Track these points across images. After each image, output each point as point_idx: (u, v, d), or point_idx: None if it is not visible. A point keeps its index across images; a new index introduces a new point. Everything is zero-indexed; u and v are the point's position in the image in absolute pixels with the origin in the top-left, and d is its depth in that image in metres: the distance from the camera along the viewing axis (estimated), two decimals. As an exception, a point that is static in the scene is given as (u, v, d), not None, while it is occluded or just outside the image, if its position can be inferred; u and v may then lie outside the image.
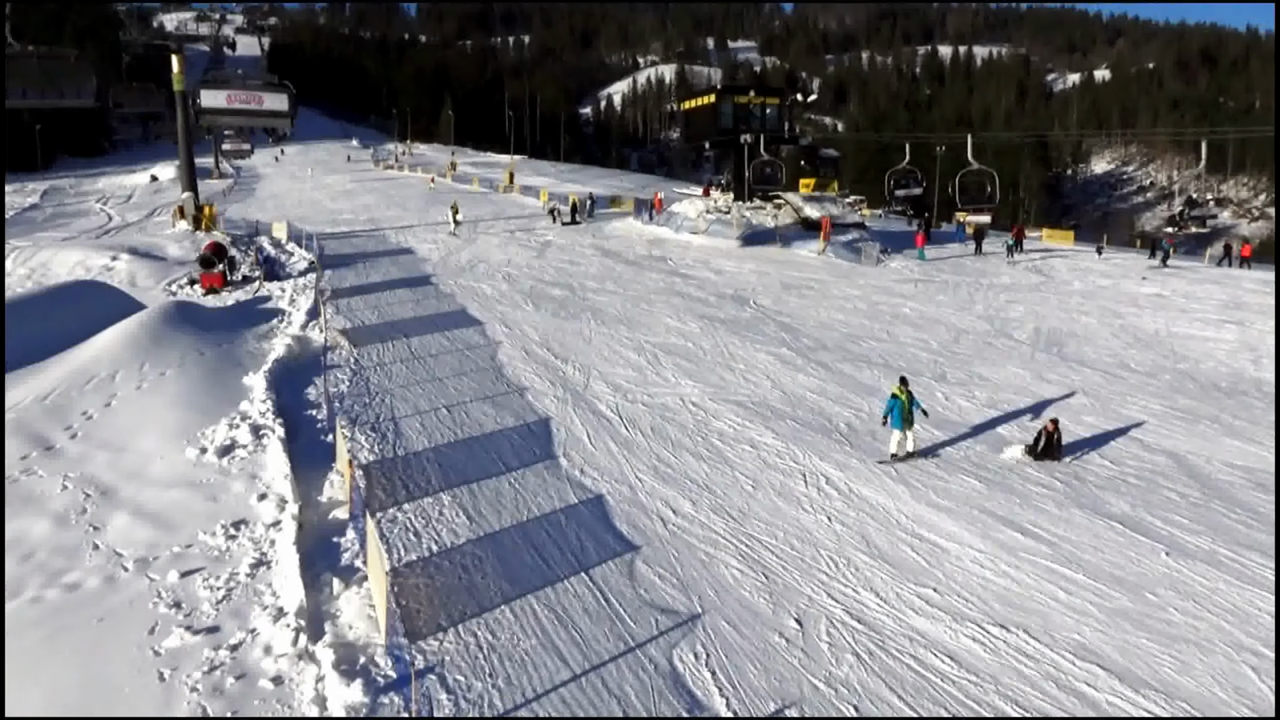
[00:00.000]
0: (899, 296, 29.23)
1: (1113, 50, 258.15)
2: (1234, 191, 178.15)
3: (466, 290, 28.45)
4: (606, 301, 27.23)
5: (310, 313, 24.84)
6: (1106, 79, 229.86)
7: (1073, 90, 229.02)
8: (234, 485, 14.56)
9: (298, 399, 18.39)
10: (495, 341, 22.75)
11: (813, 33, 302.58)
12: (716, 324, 24.65)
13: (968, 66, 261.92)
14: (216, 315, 24.95)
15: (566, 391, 19.06)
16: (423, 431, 16.69)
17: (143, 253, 33.29)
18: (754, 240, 37.82)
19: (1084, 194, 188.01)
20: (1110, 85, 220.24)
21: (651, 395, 18.85)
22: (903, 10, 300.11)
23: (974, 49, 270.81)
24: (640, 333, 23.63)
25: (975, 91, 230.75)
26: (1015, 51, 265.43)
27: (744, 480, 14.62)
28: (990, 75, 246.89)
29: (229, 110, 34.31)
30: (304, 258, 33.92)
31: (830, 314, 26.44)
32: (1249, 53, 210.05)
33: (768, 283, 30.80)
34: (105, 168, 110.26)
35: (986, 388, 19.71)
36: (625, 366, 20.85)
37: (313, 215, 53.47)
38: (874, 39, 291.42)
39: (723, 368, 20.83)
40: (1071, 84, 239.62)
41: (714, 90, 43.02)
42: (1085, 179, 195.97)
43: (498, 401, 18.38)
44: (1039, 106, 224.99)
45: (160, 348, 20.41)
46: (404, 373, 20.15)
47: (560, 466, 15.18)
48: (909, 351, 22.51)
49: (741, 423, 17.26)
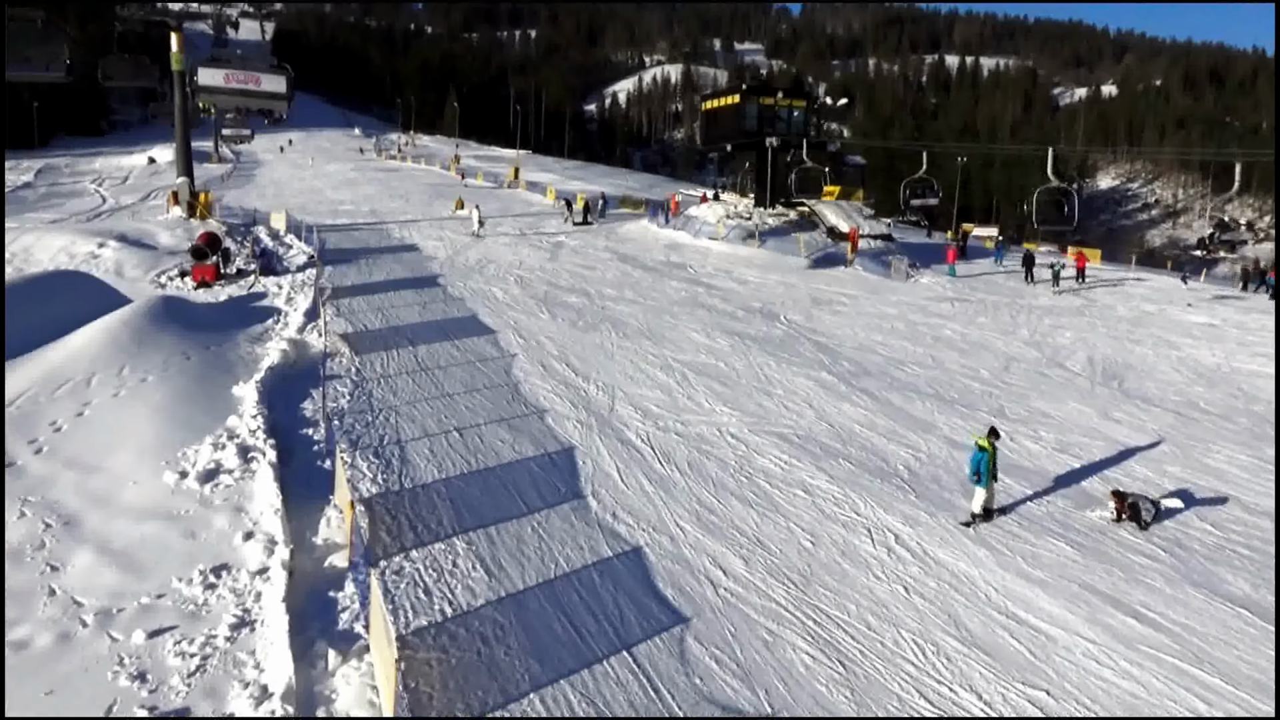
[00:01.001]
0: (937, 316, 27.41)
1: (1119, 66, 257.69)
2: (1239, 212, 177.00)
3: (476, 293, 26.57)
4: (627, 312, 25.36)
5: (309, 313, 22.95)
6: (1113, 94, 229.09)
7: (1079, 104, 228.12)
8: (216, 519, 12.70)
9: (292, 414, 16.51)
10: (509, 353, 20.88)
11: (820, 37, 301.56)
12: (748, 341, 22.80)
13: (974, 76, 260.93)
14: (207, 313, 23.06)
15: (590, 415, 17.21)
16: (432, 459, 14.82)
17: (132, 240, 31.33)
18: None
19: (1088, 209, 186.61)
20: (1117, 101, 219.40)
21: (685, 423, 17.00)
22: (910, 18, 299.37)
23: (980, 59, 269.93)
24: (666, 348, 21.77)
25: (981, 102, 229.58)
26: (1022, 63, 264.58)
27: (800, 534, 12.78)
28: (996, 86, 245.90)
29: (226, 89, 32.90)
30: (303, 251, 32.01)
31: (868, 334, 24.60)
32: (1256, 73, 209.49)
33: (796, 296, 28.97)
34: (103, 148, 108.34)
35: (1051, 426, 17.89)
36: (653, 387, 18.99)
37: (313, 205, 51.59)
38: (881, 46, 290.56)
39: (759, 392, 18.98)
40: (1078, 98, 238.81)
41: (739, 90, 41.09)
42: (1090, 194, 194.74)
43: (515, 425, 16.52)
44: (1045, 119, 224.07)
45: (143, 349, 18.56)
46: (410, 387, 18.27)
47: (589, 508, 13.33)
48: (959, 381, 20.68)
49: (788, 460, 15.41)
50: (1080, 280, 35.78)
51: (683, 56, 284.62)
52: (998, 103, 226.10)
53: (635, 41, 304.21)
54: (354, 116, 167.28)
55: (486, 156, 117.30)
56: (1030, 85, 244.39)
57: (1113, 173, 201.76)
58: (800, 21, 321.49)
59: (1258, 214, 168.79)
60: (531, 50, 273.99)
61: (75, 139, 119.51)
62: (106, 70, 36.85)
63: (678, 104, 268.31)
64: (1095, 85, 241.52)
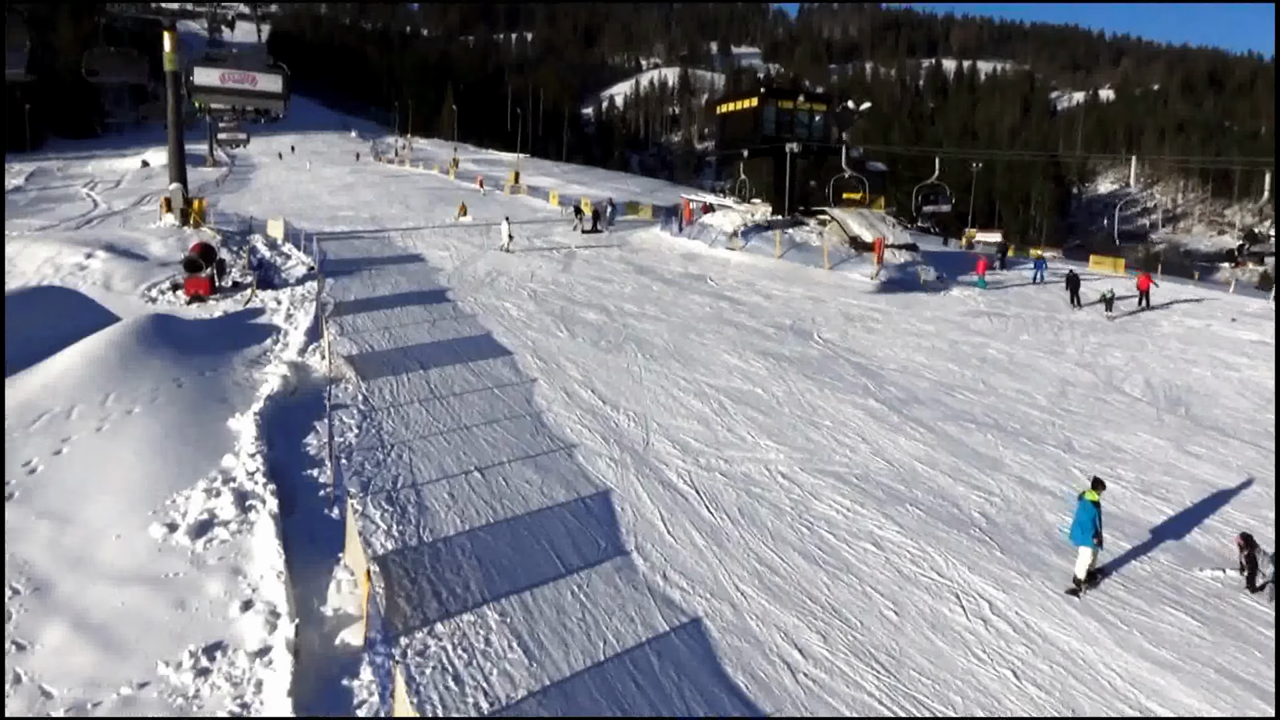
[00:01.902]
0: (977, 334, 25.81)
1: (1116, 70, 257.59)
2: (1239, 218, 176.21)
3: (489, 310, 24.93)
4: (651, 330, 23.73)
5: (310, 333, 21.28)
6: (1111, 98, 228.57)
7: (1077, 108, 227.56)
8: (210, 584, 11.06)
9: (294, 451, 14.87)
10: (529, 378, 19.24)
11: (817, 41, 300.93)
12: (784, 364, 21.17)
13: (971, 80, 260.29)
14: (200, 332, 21.40)
15: (624, 451, 15.57)
16: (453, 505, 13.18)
17: (121, 250, 29.66)
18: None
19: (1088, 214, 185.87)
20: (1116, 105, 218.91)
21: (728, 461, 15.37)
22: (907, 21, 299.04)
23: (978, 63, 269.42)
24: (698, 372, 20.14)
25: (979, 106, 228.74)
26: (1019, 67, 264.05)
27: (881, 601, 11.16)
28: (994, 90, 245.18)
29: (222, 89, 31.63)
30: (302, 262, 30.35)
31: (908, 354, 23.00)
32: (1255, 77, 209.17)
33: (826, 312, 27.36)
34: (96, 150, 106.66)
35: (1128, 463, 16.30)
36: (688, 418, 17.36)
37: (310, 210, 50.02)
38: (878, 49, 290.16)
39: (805, 423, 17.35)
40: (1076, 102, 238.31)
41: (757, 93, 39.42)
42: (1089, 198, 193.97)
43: (542, 464, 14.88)
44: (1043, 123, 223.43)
45: (130, 375, 16.93)
46: (424, 418, 16.62)
47: (635, 567, 11.71)
48: (1018, 409, 19.08)
49: (851, 506, 13.79)
50: (1145, 306, 30.88)
51: (679, 59, 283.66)
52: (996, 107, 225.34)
53: (632, 44, 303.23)
54: (350, 119, 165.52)
55: (485, 160, 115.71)
56: (1028, 89, 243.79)
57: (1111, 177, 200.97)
58: (797, 25, 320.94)
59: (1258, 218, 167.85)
60: (528, 52, 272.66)
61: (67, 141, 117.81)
62: (91, 63, 34.92)
63: (675, 107, 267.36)
64: (1093, 89, 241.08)
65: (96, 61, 34.75)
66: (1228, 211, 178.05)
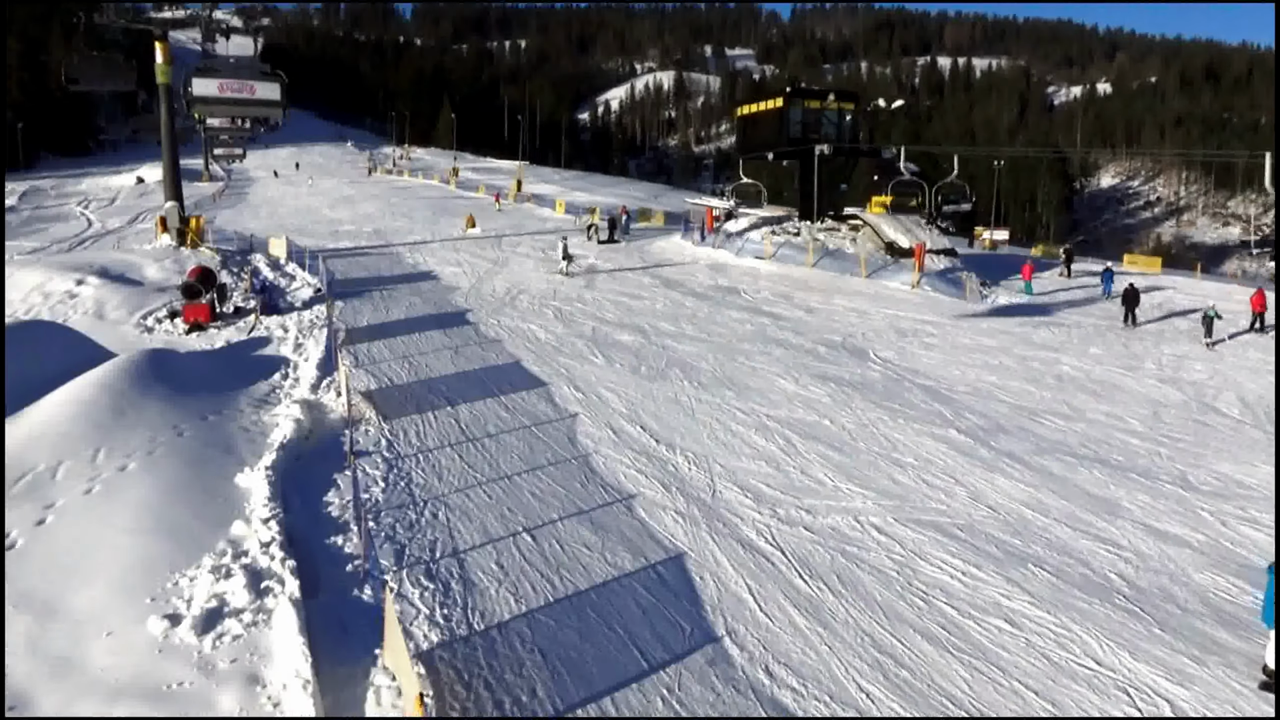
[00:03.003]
0: (1043, 347, 23.89)
1: (1110, 64, 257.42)
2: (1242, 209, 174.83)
3: (514, 333, 22.98)
4: (693, 352, 21.77)
5: (323, 365, 19.33)
6: (1108, 93, 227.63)
7: (1075, 103, 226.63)
8: (222, 698, 9.09)
9: (314, 513, 12.91)
10: (568, 412, 17.28)
11: (810, 42, 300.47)
12: (846, 389, 19.21)
13: (967, 78, 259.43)
14: (201, 366, 19.44)
15: (689, 502, 13.61)
16: (503, 579, 11.21)
17: (115, 275, 27.72)
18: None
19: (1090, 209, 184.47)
20: (1113, 99, 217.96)
21: (810, 511, 13.41)
22: (900, 20, 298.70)
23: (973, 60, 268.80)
24: (754, 401, 18.18)
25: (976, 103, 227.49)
26: (1014, 64, 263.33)
27: (1036, 701, 9.20)
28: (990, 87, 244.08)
29: (221, 99, 29.76)
30: (308, 283, 28.44)
31: (977, 373, 21.06)
32: (1251, 69, 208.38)
33: (875, 326, 25.42)
34: (90, 167, 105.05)
35: (1258, 501, 14.36)
36: (754, 457, 15.40)
37: (311, 225, 48.19)
38: (872, 49, 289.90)
39: (886, 461, 15.39)
40: (1073, 97, 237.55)
41: (782, 93, 37.51)
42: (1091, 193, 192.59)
43: (599, 521, 12.92)
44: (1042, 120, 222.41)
45: (124, 423, 15.00)
46: (457, 466, 14.65)
47: (731, 660, 9.75)
48: (1114, 437, 17.14)
49: (965, 569, 11.82)
50: (1259, 328, 26.65)
51: (674, 63, 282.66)
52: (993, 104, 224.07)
53: (626, 49, 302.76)
54: (346, 130, 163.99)
55: (484, 168, 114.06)
56: (1024, 86, 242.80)
57: (1112, 171, 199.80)
58: (790, 27, 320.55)
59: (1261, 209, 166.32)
60: (522, 59, 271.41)
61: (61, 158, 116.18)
62: (71, 71, 32.33)
63: (671, 111, 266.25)
64: (1090, 84, 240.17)
65: (77, 69, 32.18)
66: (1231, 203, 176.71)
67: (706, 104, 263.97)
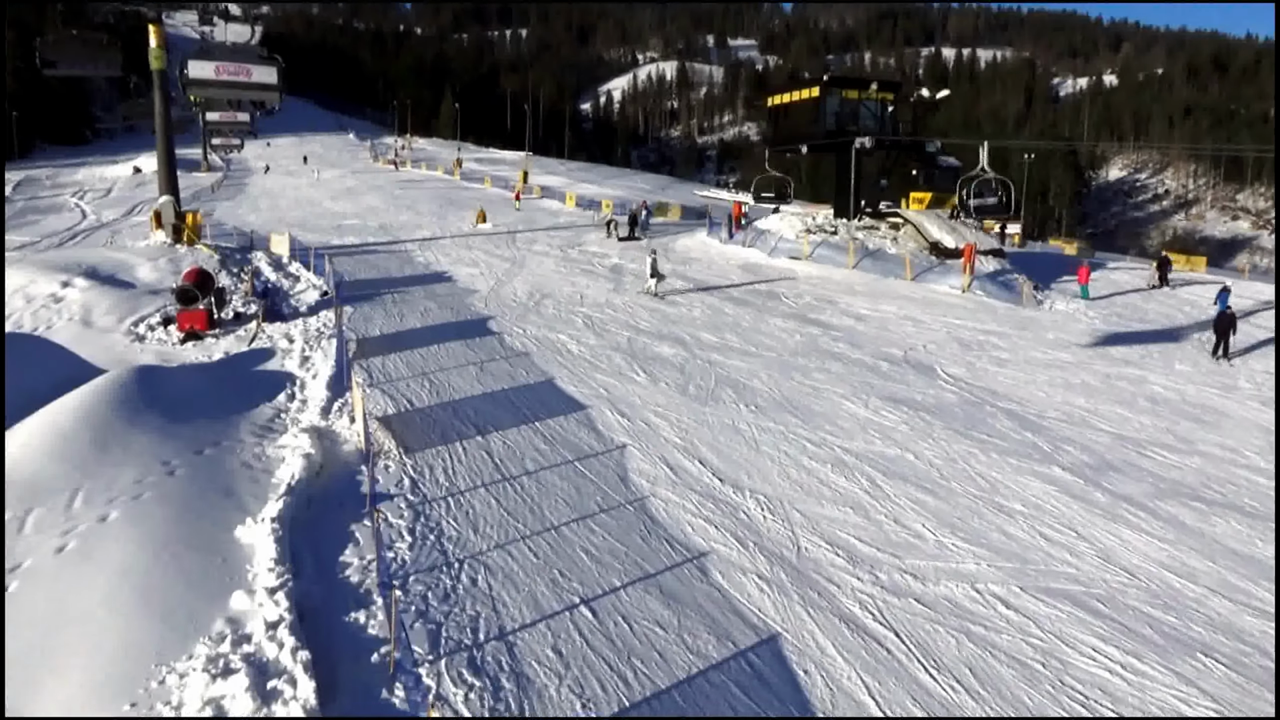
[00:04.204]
0: (1124, 363, 21.78)
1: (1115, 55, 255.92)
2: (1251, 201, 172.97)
3: (543, 344, 20.83)
4: (743, 368, 19.63)
5: (333, 383, 17.19)
6: (1114, 84, 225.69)
7: (1081, 95, 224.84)
8: None
9: (328, 576, 10.80)
10: (615, 443, 15.15)
11: (813, 33, 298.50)
12: (921, 414, 17.08)
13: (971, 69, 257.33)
14: (196, 384, 17.27)
15: (771, 562, 11.50)
16: (564, 675, 9.12)
17: (104, 276, 25.56)
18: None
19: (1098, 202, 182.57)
20: (1120, 91, 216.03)
21: (917, 575, 11.30)
22: (903, 11, 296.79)
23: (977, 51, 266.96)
24: (823, 430, 16.04)
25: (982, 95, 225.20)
26: (1019, 55, 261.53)
27: None
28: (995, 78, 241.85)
29: (217, 82, 28.41)
30: (313, 285, 26.29)
31: (1062, 395, 18.93)
32: (1259, 60, 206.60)
33: (934, 337, 23.30)
34: (86, 157, 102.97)
35: None
36: (836, 502, 13.28)
37: (313, 219, 46.01)
38: (875, 40, 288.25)
39: (988, 508, 13.28)
40: (1078, 88, 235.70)
41: (818, 82, 35.22)
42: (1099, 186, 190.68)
43: (669, 588, 10.81)
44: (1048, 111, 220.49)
45: (107, 459, 12.94)
46: (495, 513, 12.52)
47: (867, 798, 7.60)
48: (1238, 476, 15.06)
49: (1124, 659, 9.73)
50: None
51: (676, 54, 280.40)
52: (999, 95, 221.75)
53: (627, 39, 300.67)
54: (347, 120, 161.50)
55: (487, 159, 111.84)
56: (1029, 77, 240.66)
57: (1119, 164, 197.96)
58: (793, 17, 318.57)
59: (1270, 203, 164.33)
60: (523, 49, 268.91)
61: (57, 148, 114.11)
62: (46, 53, 29.27)
63: (673, 101, 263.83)
64: (1096, 75, 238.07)
65: (53, 49, 29.14)
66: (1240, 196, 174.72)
67: (709, 95, 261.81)
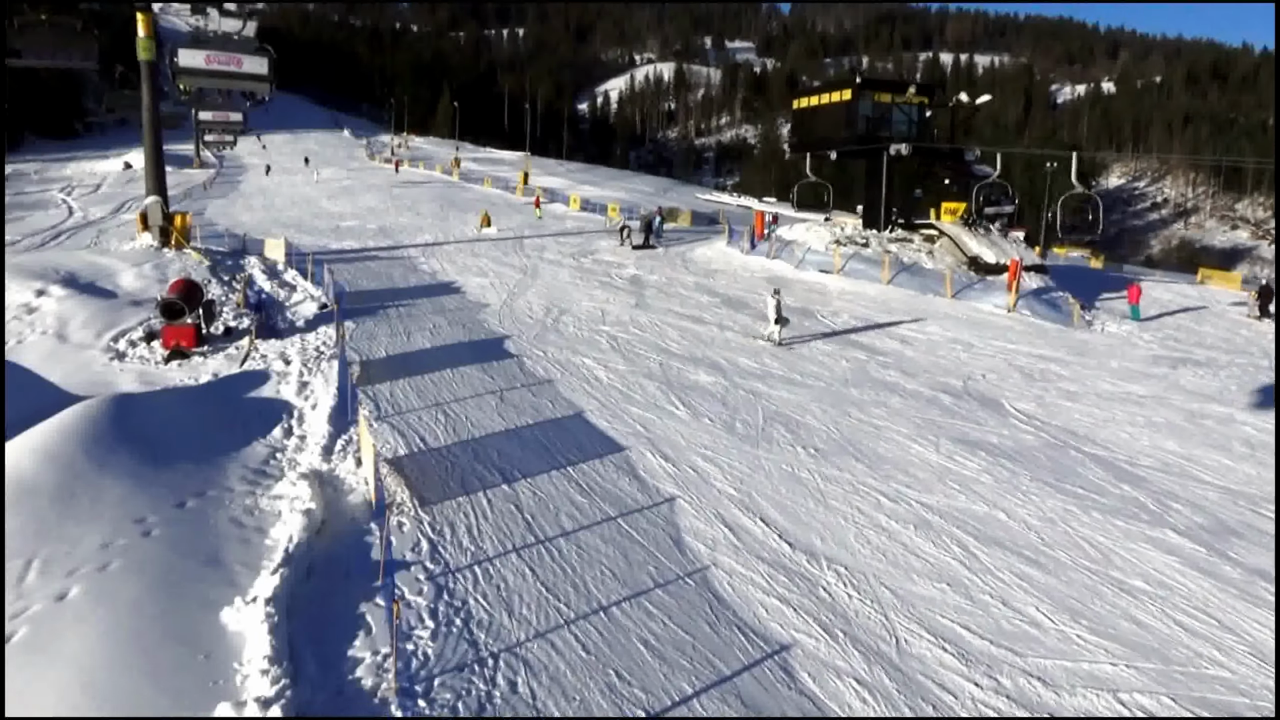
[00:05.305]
0: (1202, 396, 19.89)
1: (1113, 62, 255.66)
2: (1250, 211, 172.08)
3: (567, 370, 18.82)
4: (791, 401, 17.65)
5: (335, 416, 15.16)
6: (1112, 91, 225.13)
7: (1079, 101, 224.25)
8: None
9: (335, 678, 8.84)
10: (661, 494, 13.16)
11: (811, 35, 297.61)
12: (1003, 461, 15.12)
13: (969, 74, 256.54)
14: (181, 416, 15.18)
15: (868, 659, 9.56)
16: (639, 828, 7.08)
17: (84, 284, 23.48)
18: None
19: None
20: (1119, 98, 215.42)
21: (1045, 679, 9.37)
22: (901, 15, 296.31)
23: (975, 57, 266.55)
24: (895, 479, 14.07)
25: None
26: (1016, 61, 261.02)
27: None
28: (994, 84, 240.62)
29: (207, 71, 27.22)
30: (311, 296, 24.26)
31: (1148, 436, 17.00)
32: (1258, 69, 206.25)
33: (989, 363, 21.38)
34: (76, 152, 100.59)
35: None
36: (929, 576, 11.32)
37: (309, 220, 43.92)
38: (872, 44, 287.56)
39: (1106, 584, 11.35)
40: (1076, 95, 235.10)
41: (850, 84, 33.21)
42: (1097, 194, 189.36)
43: (750, 696, 8.92)
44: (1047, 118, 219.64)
45: (72, 514, 11.02)
46: (531, 589, 10.53)
47: None
48: (1375, 540, 13.07)
49: (1333, 806, 7.74)
50: None
51: (674, 55, 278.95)
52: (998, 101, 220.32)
53: (625, 39, 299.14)
54: (342, 117, 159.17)
55: (485, 158, 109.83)
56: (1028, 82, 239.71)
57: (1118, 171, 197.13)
58: (791, 19, 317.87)
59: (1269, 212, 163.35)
60: (520, 48, 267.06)
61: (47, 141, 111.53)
62: (11, 39, 25.83)
63: (671, 102, 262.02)
64: (1094, 83, 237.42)
65: (18, 37, 26.16)
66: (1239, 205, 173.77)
67: (706, 96, 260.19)
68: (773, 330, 21.81)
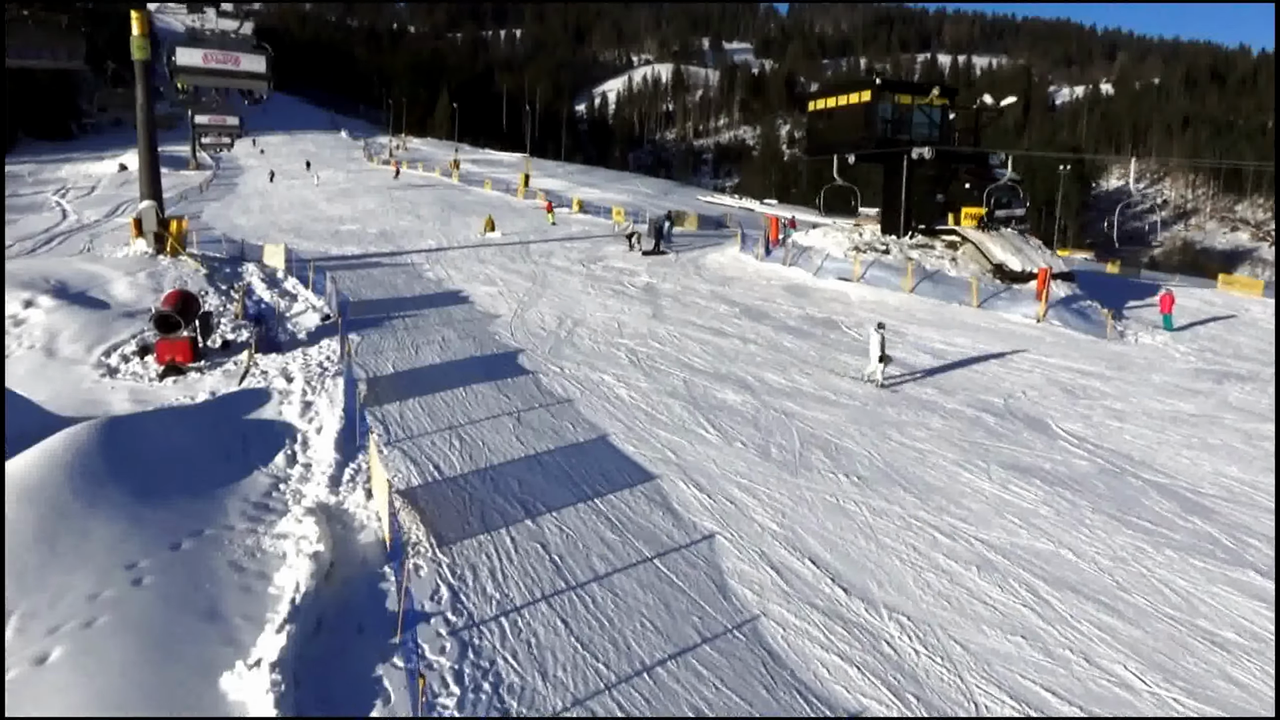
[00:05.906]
0: (1255, 416, 18.85)
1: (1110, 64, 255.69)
2: (1250, 213, 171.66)
3: (586, 387, 17.77)
4: (826, 422, 16.60)
5: (342, 441, 14.09)
6: (1110, 93, 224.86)
7: (1078, 103, 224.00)
8: None
9: (352, 758, 7.67)
10: (697, 529, 12.11)
11: (809, 37, 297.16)
12: (1060, 490, 14.08)
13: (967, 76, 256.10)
14: (176, 441, 14.11)
15: (948, 732, 8.45)
16: None
17: (74, 294, 22.41)
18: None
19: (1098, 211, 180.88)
20: (1117, 100, 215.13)
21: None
22: (899, 17, 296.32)
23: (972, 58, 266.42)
24: (949, 514, 13.01)
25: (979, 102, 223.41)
26: (1015, 62, 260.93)
27: None
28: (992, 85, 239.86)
29: (205, 70, 26.36)
30: (313, 307, 23.19)
31: (1207, 460, 15.97)
32: (1257, 71, 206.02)
33: (1029, 380, 20.34)
34: (71, 153, 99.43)
35: None
36: (1001, 628, 10.27)
37: (309, 224, 42.83)
38: (871, 45, 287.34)
39: (1197, 638, 10.32)
40: (1075, 97, 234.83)
41: (869, 85, 32.13)
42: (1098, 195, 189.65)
43: (824, 780, 7.75)
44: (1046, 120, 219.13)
45: (56, 561, 10.00)
46: (565, 646, 9.46)
47: None
48: None
49: None
50: None
51: (671, 56, 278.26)
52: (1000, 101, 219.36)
53: (623, 40, 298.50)
54: (339, 118, 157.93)
55: (484, 160, 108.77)
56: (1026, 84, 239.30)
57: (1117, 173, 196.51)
58: (789, 21, 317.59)
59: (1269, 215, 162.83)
60: (518, 49, 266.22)
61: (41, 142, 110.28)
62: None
63: (668, 104, 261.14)
64: (1092, 84, 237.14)
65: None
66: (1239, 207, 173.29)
67: (705, 97, 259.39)
68: (875, 369, 19.47)
